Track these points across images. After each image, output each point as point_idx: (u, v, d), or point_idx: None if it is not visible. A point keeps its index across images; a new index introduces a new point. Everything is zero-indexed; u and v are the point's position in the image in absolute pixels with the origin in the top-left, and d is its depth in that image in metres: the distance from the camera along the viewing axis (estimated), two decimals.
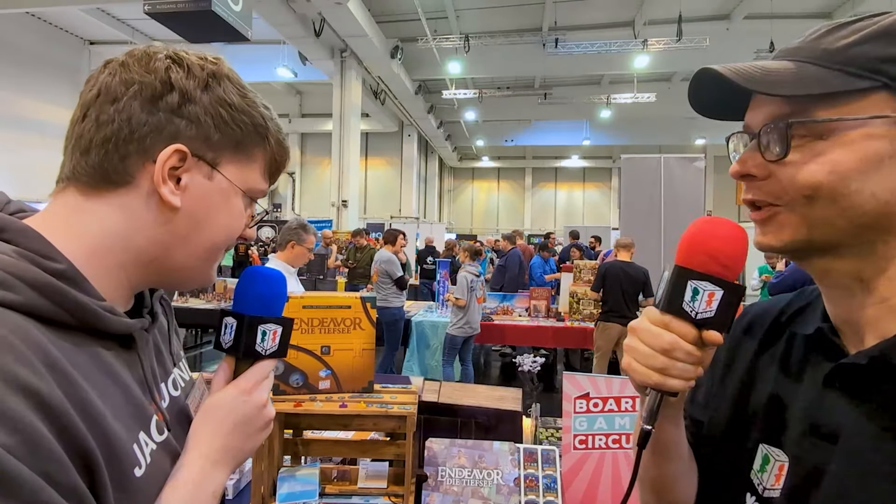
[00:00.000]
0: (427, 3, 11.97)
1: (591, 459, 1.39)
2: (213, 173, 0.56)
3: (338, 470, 1.53)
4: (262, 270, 0.64)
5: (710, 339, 0.54)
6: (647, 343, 0.56)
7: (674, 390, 0.55)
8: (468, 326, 5.05)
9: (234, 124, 0.56)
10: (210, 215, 0.56)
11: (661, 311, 0.56)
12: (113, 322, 0.51)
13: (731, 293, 0.54)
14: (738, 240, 0.56)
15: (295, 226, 3.03)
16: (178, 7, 6.49)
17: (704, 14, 12.67)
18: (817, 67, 0.51)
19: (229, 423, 0.58)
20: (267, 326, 0.62)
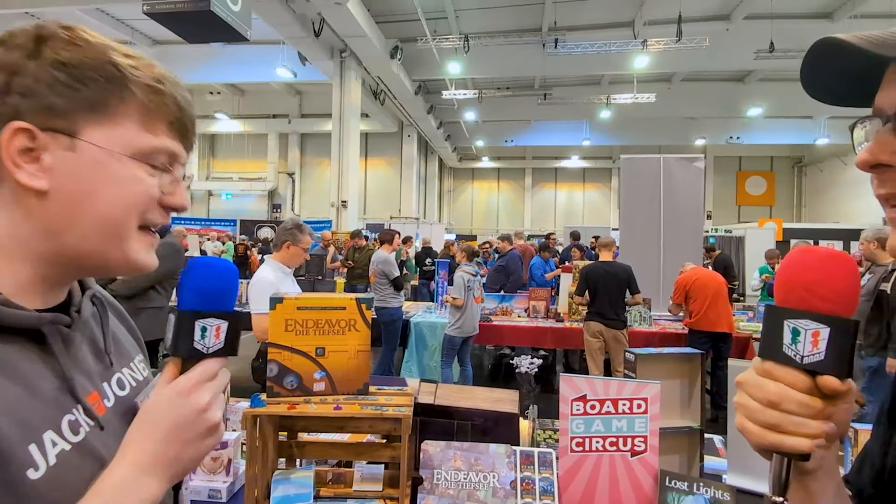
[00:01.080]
0: (427, 3, 11.96)
1: (588, 462, 1.37)
2: (74, 143, 0.50)
3: (333, 473, 1.51)
4: (203, 261, 0.59)
5: (826, 385, 0.46)
6: (754, 396, 0.49)
7: (796, 451, 0.47)
8: (466, 327, 5.03)
9: (78, 83, 0.50)
10: (90, 189, 0.51)
11: (761, 359, 0.49)
12: (7, 315, 0.48)
13: (841, 330, 0.46)
14: (839, 268, 0.48)
15: (290, 226, 3.02)
16: (177, 7, 6.48)
17: (704, 14, 12.67)
18: None
19: (162, 427, 0.52)
20: (208, 322, 0.56)
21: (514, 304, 6.42)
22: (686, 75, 16.67)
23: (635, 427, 1.37)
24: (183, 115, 0.57)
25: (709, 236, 11.95)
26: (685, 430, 1.64)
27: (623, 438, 1.37)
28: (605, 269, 5.04)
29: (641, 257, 6.51)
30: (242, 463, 1.53)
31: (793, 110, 17.38)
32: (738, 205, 24.39)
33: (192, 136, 0.60)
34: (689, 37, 11.63)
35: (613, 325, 4.98)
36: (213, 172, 23.68)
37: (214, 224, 17.42)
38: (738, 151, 23.29)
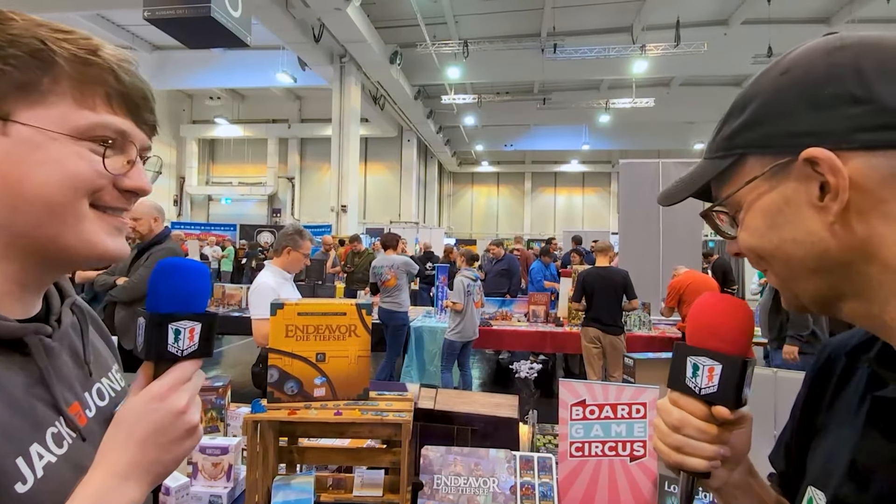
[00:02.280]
0: (426, 8, 12.02)
1: (587, 467, 1.38)
2: (5, 126, 0.48)
3: (333, 478, 1.52)
4: (173, 262, 0.57)
5: (717, 414, 0.54)
6: (663, 420, 0.57)
7: (694, 469, 0.55)
8: (465, 331, 5.02)
9: (2, 64, 0.47)
10: (27, 172, 0.48)
11: (669, 389, 0.57)
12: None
13: (731, 367, 0.54)
14: (733, 313, 0.56)
15: (291, 231, 3.03)
16: (178, 13, 6.51)
17: (702, 19, 12.74)
18: (705, 161, 0.57)
19: (139, 433, 0.51)
20: (181, 324, 0.55)
21: (514, 308, 6.43)
22: (684, 80, 16.74)
23: (634, 432, 1.38)
24: (126, 88, 0.53)
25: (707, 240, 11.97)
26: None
27: (622, 443, 1.38)
28: (601, 275, 4.98)
29: (641, 262, 6.53)
30: (243, 468, 1.53)
31: None
32: None
33: (146, 112, 0.56)
34: (688, 41, 11.69)
35: (610, 330, 4.92)
36: (213, 177, 23.72)
37: (214, 229, 17.44)
38: None
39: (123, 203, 0.55)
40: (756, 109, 0.50)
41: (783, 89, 0.49)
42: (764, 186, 0.50)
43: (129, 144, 0.54)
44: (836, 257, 0.47)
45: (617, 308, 4.96)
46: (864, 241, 0.45)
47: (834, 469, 0.52)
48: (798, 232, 0.48)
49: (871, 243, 0.45)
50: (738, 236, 0.54)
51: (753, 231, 0.52)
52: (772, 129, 0.49)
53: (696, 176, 0.57)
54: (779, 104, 0.49)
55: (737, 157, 0.52)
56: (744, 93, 0.53)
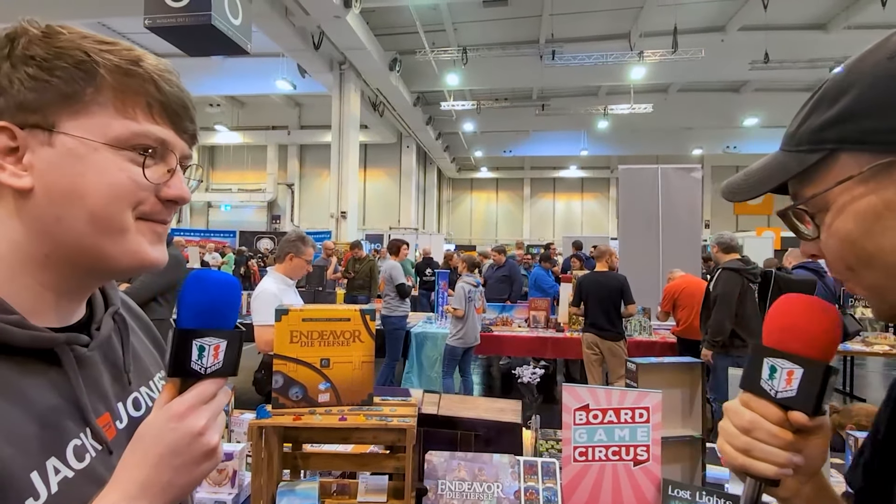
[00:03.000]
0: (425, 16, 12.10)
1: (591, 471, 1.38)
2: (51, 137, 0.49)
3: (337, 484, 1.52)
4: (201, 275, 0.54)
5: (794, 420, 0.51)
6: (732, 422, 0.54)
7: (762, 475, 0.52)
8: (467, 337, 5.02)
9: (48, 75, 0.48)
10: (73, 182, 0.49)
11: (742, 390, 0.55)
12: (18, 336, 0.47)
13: (813, 372, 0.51)
14: (818, 316, 0.52)
15: (293, 238, 3.03)
16: (178, 21, 6.55)
17: (700, 26, 12.82)
18: (784, 153, 0.52)
19: (154, 453, 0.49)
20: (205, 340, 0.53)
21: (515, 314, 6.43)
22: (682, 86, 16.83)
23: (637, 436, 1.39)
24: (166, 98, 0.53)
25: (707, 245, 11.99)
26: (686, 438, 1.64)
27: (626, 448, 1.38)
28: (598, 280, 4.93)
29: (641, 267, 6.54)
30: (247, 475, 1.53)
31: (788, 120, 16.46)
32: (735, 214, 24.45)
33: (186, 122, 0.56)
34: (685, 48, 11.76)
35: (609, 336, 4.85)
36: (213, 184, 23.74)
37: (214, 235, 17.45)
38: (734, 161, 23.39)
39: (164, 213, 0.55)
40: (854, 100, 0.44)
41: (890, 76, 0.43)
42: (859, 188, 0.45)
43: (169, 153, 0.55)
44: None
45: (615, 313, 4.88)
46: None
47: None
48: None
49: None
50: (821, 240, 0.49)
51: (845, 237, 0.47)
52: (873, 123, 0.43)
53: (773, 171, 0.52)
54: (883, 94, 0.43)
55: (827, 152, 0.47)
56: (838, 79, 0.47)
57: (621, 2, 11.86)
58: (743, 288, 4.07)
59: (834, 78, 0.47)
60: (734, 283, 4.09)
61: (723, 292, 4.11)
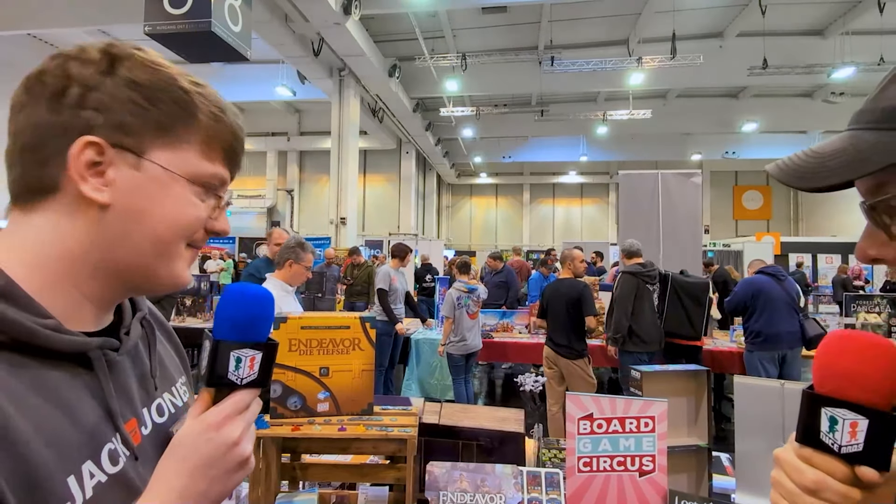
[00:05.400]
0: (424, 22, 12.14)
1: (595, 482, 1.35)
2: (139, 162, 0.51)
3: (337, 495, 1.49)
4: (240, 289, 0.57)
5: (864, 477, 0.46)
6: (793, 479, 0.49)
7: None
8: (463, 344, 4.90)
9: (149, 104, 0.51)
10: (147, 207, 0.52)
11: (799, 444, 0.49)
12: (55, 340, 0.48)
13: (880, 422, 0.45)
14: (878, 357, 0.46)
15: (293, 244, 3.01)
16: (178, 28, 6.55)
17: (698, 32, 12.87)
18: (877, 132, 0.44)
19: (190, 463, 0.51)
20: (243, 352, 0.55)
21: (515, 320, 6.40)
22: (681, 91, 16.87)
23: (643, 446, 1.36)
24: (237, 145, 0.59)
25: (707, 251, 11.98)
26: (693, 448, 1.62)
27: (631, 458, 1.36)
28: (557, 288, 4.49)
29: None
30: (245, 486, 1.51)
31: (787, 125, 17.58)
32: (735, 219, 24.47)
33: (239, 164, 0.61)
34: (683, 54, 11.78)
35: (563, 353, 4.35)
36: None
37: (213, 241, 17.42)
38: (734, 166, 23.47)
39: (204, 241, 0.60)
40: None
41: None
42: None
43: (223, 190, 0.59)
44: None
45: (571, 327, 4.33)
46: None
47: None
48: None
49: None
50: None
51: None
52: None
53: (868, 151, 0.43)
54: None
55: None
56: None
57: (620, 8, 11.91)
58: (639, 290, 4.44)
59: None
60: (631, 285, 4.46)
61: (620, 294, 4.49)
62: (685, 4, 11.43)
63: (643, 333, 4.39)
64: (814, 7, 11.86)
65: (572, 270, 4.57)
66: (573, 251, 4.70)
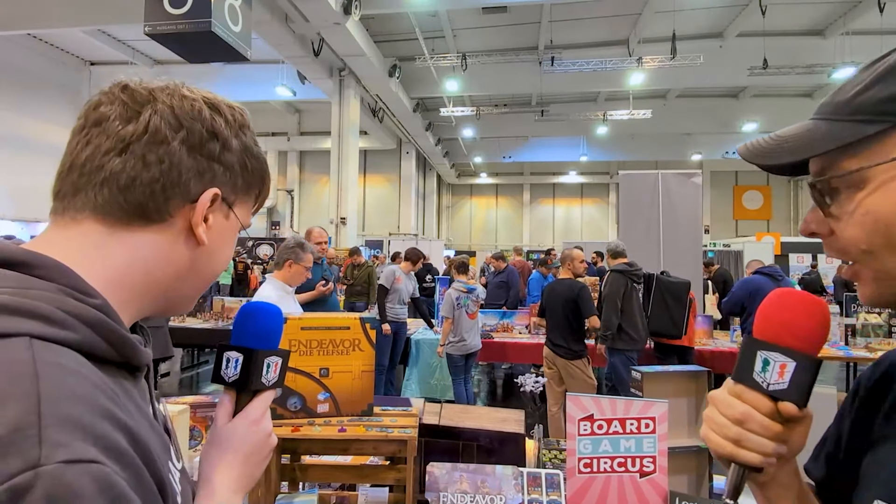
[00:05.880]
0: (424, 22, 12.14)
1: (596, 483, 1.35)
2: (230, 213, 0.60)
3: (336, 496, 1.49)
4: (263, 307, 0.68)
5: (785, 411, 0.53)
6: (721, 412, 0.56)
7: (749, 464, 0.54)
8: (462, 344, 4.90)
9: (252, 172, 0.61)
10: (220, 249, 0.61)
11: (733, 382, 0.56)
12: (144, 355, 0.52)
13: (805, 365, 0.53)
14: (812, 311, 0.54)
15: (292, 244, 3.01)
16: (179, 28, 6.54)
17: (698, 32, 12.87)
18: (829, 122, 0.50)
19: (243, 453, 0.63)
20: (271, 359, 0.65)
21: (516, 320, 6.40)
22: (681, 91, 16.86)
23: (643, 447, 1.36)
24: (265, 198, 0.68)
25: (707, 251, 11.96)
26: (693, 449, 1.62)
27: (631, 459, 1.36)
28: (555, 288, 4.53)
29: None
30: None
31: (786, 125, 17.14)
32: (735, 219, 24.48)
33: None
34: (684, 54, 11.78)
35: (561, 353, 4.36)
36: None
37: None
38: (734, 166, 23.46)
39: None
40: None
41: None
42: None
43: None
44: None
45: (568, 328, 4.35)
46: None
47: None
48: None
49: None
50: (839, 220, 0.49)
51: (882, 217, 0.46)
52: None
53: (817, 138, 0.50)
54: None
55: (889, 125, 0.46)
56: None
57: (620, 9, 11.90)
58: (627, 287, 4.53)
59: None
60: (619, 283, 4.54)
61: (609, 292, 4.56)
62: (685, 4, 11.43)
63: (632, 331, 4.46)
64: (814, 7, 11.86)
65: (572, 270, 4.59)
66: (573, 251, 4.70)
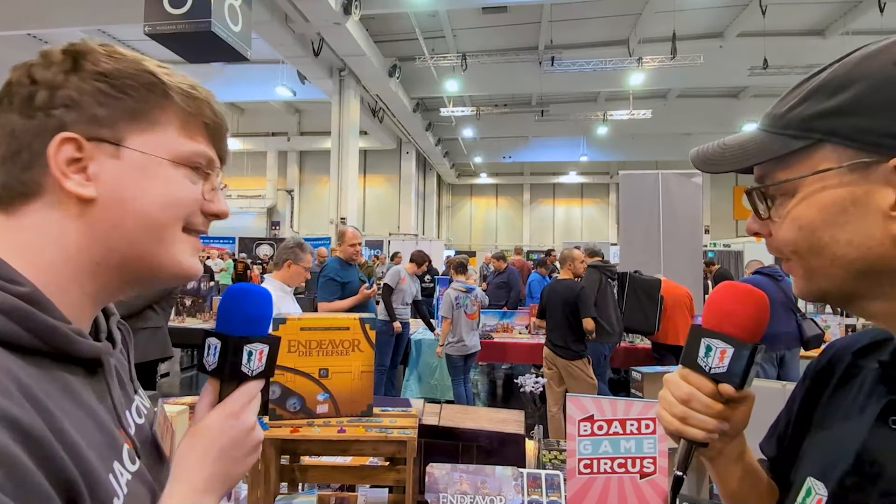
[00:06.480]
0: (425, 22, 12.14)
1: (596, 484, 1.35)
2: (119, 151, 0.52)
3: (336, 497, 1.48)
4: (245, 288, 0.61)
5: (723, 391, 0.58)
6: (671, 393, 0.62)
7: (694, 439, 0.60)
8: (462, 345, 4.89)
9: (119, 92, 0.51)
10: (135, 194, 0.52)
11: (681, 366, 0.62)
12: (83, 346, 0.49)
13: (741, 350, 0.58)
14: (751, 302, 0.60)
15: (292, 245, 3.01)
16: (178, 28, 6.54)
17: (698, 32, 12.86)
18: (766, 134, 0.53)
19: (216, 449, 0.56)
20: (253, 346, 0.59)
21: (516, 320, 6.39)
22: (681, 91, 16.86)
23: (644, 448, 1.35)
24: (217, 120, 0.59)
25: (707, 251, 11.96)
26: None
27: (632, 459, 1.35)
28: (555, 289, 4.56)
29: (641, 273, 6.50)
30: (244, 487, 1.50)
31: None
32: (735, 219, 24.46)
33: (225, 144, 0.61)
34: (684, 54, 11.78)
35: (561, 353, 4.37)
36: None
37: (213, 241, 17.40)
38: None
39: (205, 227, 0.59)
40: (855, 97, 0.46)
41: (892, 81, 0.44)
42: (833, 180, 0.47)
43: (214, 171, 0.59)
44: (889, 265, 0.46)
45: (568, 328, 4.36)
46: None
47: (836, 462, 0.54)
48: (857, 235, 0.47)
49: None
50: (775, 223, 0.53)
51: (805, 224, 0.50)
52: (867, 122, 0.45)
53: (753, 149, 0.53)
54: (883, 97, 0.44)
55: (814, 141, 0.48)
56: (840, 74, 0.48)
57: (620, 8, 11.90)
58: (602, 283, 4.81)
59: (836, 71, 0.48)
60: (594, 278, 4.82)
61: (585, 286, 4.69)
62: (685, 4, 11.43)
63: (606, 323, 4.61)
64: (814, 7, 11.85)
65: (572, 271, 4.61)
66: (573, 251, 4.73)
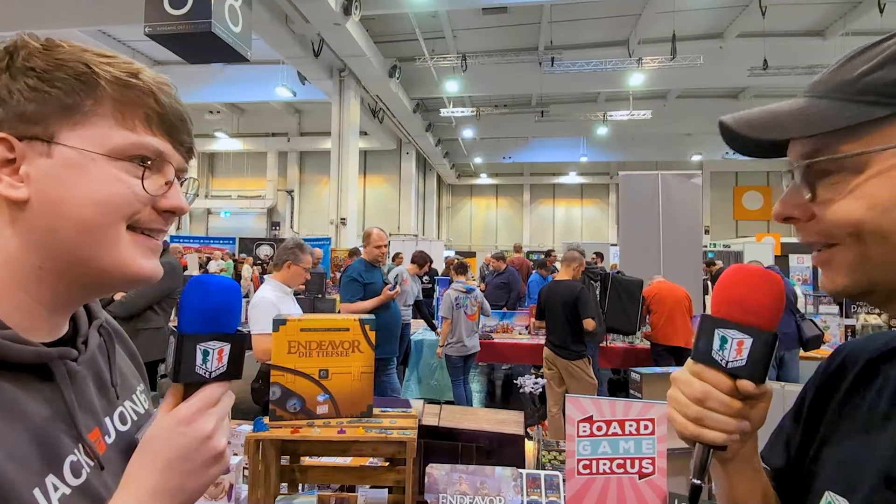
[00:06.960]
0: (425, 23, 12.14)
1: (595, 485, 1.35)
2: (50, 148, 0.48)
3: (336, 498, 1.49)
4: (203, 279, 0.55)
5: (742, 388, 0.52)
6: (683, 392, 0.55)
7: (713, 443, 0.53)
8: (461, 345, 4.89)
9: (48, 87, 0.48)
10: (68, 193, 0.49)
11: (693, 361, 0.56)
12: (15, 351, 0.47)
13: (761, 341, 0.52)
14: (767, 286, 0.53)
15: (291, 245, 3.01)
16: (179, 29, 6.55)
17: (698, 32, 12.87)
18: (829, 101, 0.48)
19: (163, 458, 0.50)
20: (209, 345, 0.53)
21: (515, 321, 6.39)
22: (681, 92, 16.87)
23: (643, 448, 1.36)
24: (165, 110, 0.54)
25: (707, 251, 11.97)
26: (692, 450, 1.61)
27: (630, 460, 1.35)
28: (554, 289, 4.57)
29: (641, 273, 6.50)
30: (244, 488, 1.50)
31: None
32: (735, 220, 24.46)
33: (184, 135, 0.57)
34: (684, 55, 11.79)
35: (562, 354, 4.39)
36: (212, 190, 23.73)
37: (213, 242, 17.40)
38: (734, 167, 23.45)
39: (161, 223, 0.55)
40: None
41: None
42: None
43: (166, 165, 0.55)
44: None
45: (568, 329, 4.37)
46: None
47: (861, 477, 0.49)
48: None
49: None
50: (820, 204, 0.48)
51: (873, 202, 0.44)
52: None
53: (815, 117, 0.48)
54: None
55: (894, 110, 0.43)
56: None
57: (620, 9, 11.91)
58: (584, 283, 4.77)
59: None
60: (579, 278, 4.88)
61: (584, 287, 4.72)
62: (685, 5, 11.44)
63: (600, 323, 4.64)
64: (814, 8, 11.86)
65: (573, 274, 4.62)
66: (576, 254, 4.75)
